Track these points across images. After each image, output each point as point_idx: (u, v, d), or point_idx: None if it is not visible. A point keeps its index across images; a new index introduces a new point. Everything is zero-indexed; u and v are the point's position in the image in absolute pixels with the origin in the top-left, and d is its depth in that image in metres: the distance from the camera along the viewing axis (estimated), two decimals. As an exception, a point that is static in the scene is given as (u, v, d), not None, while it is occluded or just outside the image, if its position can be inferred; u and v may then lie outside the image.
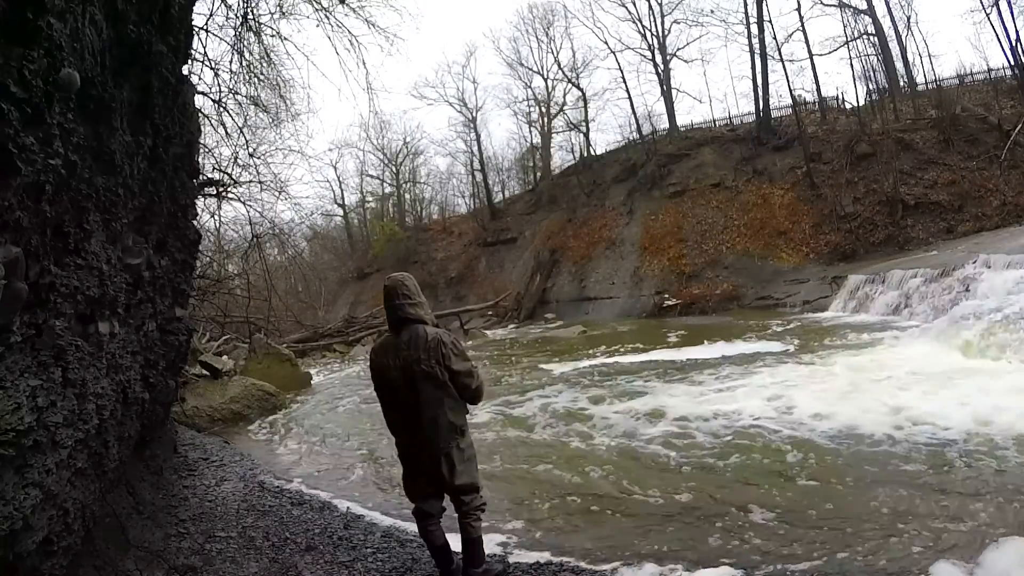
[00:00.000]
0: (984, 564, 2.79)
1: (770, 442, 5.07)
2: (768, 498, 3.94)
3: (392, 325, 2.78)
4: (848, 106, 23.55)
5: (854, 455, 4.57)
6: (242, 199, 12.12)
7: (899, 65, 24.81)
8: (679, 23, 32.96)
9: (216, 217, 12.71)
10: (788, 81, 23.21)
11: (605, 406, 7.04)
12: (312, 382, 11.49)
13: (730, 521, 3.64)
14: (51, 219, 2.04)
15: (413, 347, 2.68)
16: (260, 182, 12.32)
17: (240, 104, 10.37)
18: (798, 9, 23.80)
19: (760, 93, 23.52)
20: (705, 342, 11.46)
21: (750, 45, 24.31)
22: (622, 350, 12.33)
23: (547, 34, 33.29)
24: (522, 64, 33.74)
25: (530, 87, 34.08)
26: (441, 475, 2.73)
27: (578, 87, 31.95)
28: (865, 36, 25.16)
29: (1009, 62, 20.02)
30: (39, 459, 1.98)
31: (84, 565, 2.66)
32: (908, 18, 25.37)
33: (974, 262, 10.43)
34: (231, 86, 9.88)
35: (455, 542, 2.88)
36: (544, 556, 3.29)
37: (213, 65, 9.24)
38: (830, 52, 25.81)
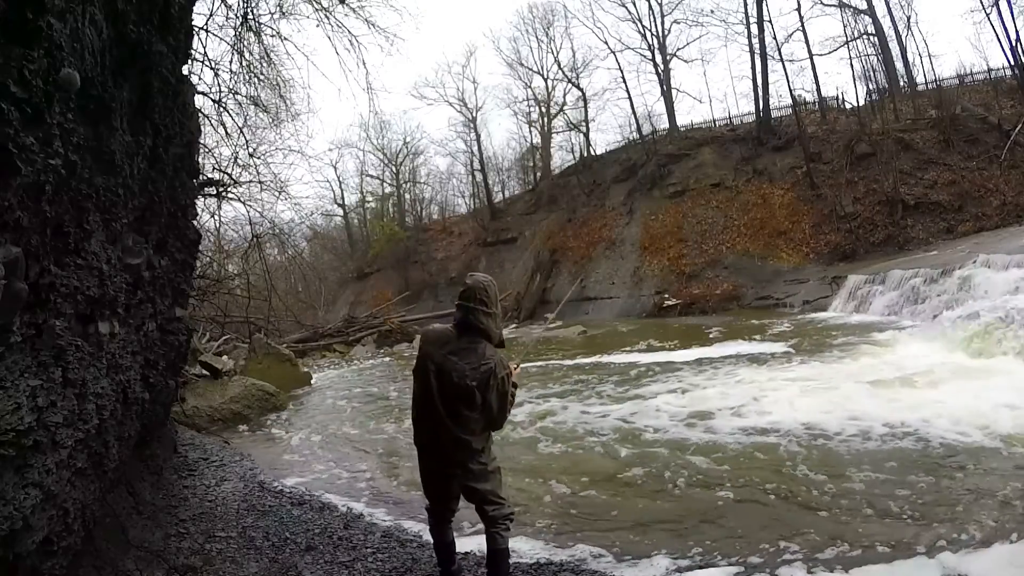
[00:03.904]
0: (972, 566, 2.82)
1: (769, 443, 5.07)
2: (766, 498, 3.95)
3: (458, 323, 2.64)
4: (848, 106, 23.57)
5: (851, 455, 4.58)
6: (242, 199, 12.12)
7: (899, 65, 24.88)
8: (679, 23, 32.90)
9: (216, 217, 12.67)
10: (788, 81, 23.31)
11: (606, 407, 7.04)
12: (312, 382, 11.49)
13: (729, 521, 3.65)
14: (51, 219, 2.03)
15: (464, 358, 2.56)
16: (260, 182, 12.33)
17: (240, 104, 10.39)
18: (798, 9, 23.86)
19: (760, 93, 23.54)
20: (718, 343, 11.46)
21: (750, 45, 24.37)
22: (628, 349, 12.33)
23: (547, 34, 33.29)
24: (522, 64, 33.75)
25: (530, 87, 34.09)
26: (464, 482, 2.67)
27: (578, 87, 31.98)
28: (865, 36, 25.21)
29: (1009, 62, 20.05)
30: (39, 459, 1.98)
31: (84, 565, 2.66)
32: (908, 18, 25.42)
33: (974, 262, 10.43)
34: (231, 86, 9.90)
35: (458, 544, 2.88)
36: (544, 556, 3.30)
37: (213, 65, 9.27)
38: (830, 52, 25.86)
